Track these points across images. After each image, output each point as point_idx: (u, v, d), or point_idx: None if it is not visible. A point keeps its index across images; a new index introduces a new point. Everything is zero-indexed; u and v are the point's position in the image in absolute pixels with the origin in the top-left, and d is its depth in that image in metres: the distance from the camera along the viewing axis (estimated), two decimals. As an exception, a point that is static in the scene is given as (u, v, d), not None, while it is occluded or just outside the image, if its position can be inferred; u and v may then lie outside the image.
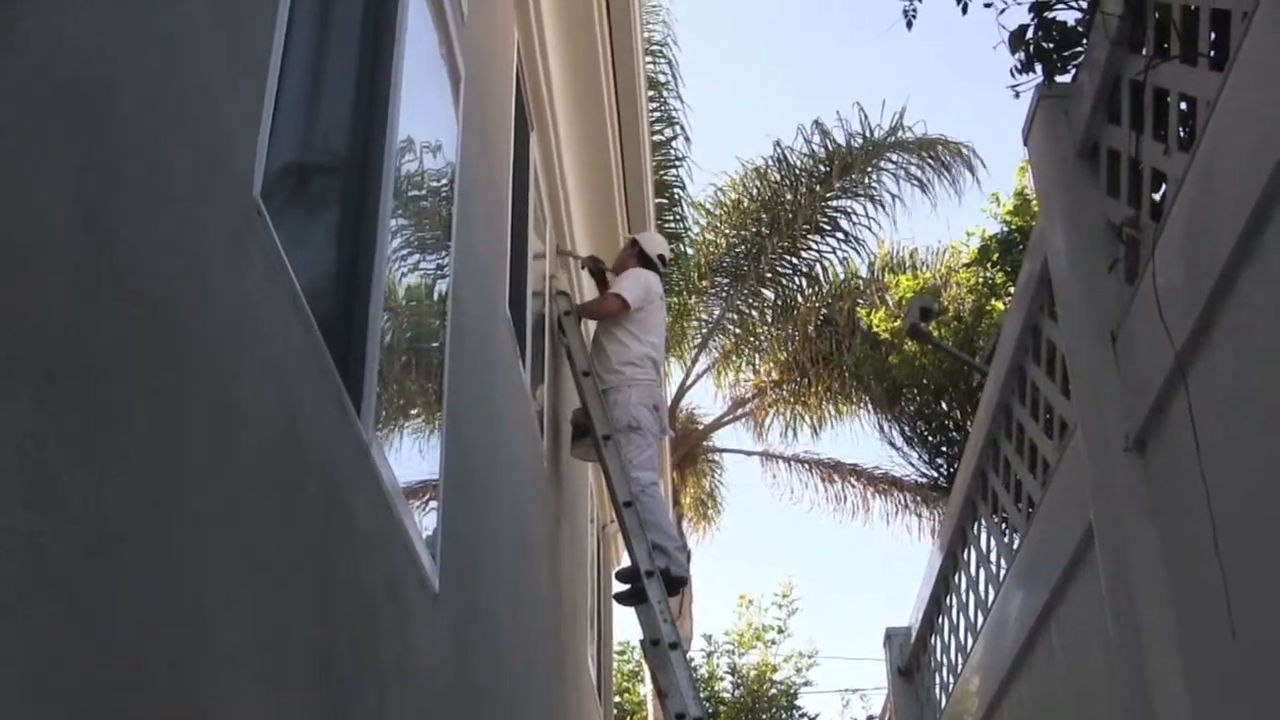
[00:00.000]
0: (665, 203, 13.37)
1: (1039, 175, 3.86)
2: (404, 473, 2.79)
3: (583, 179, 7.34)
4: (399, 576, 2.67)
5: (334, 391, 2.20)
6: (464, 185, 3.65)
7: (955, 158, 13.68)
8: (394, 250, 2.77)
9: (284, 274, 1.92)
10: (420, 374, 3.20)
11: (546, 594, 5.55)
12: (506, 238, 4.74)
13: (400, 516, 2.65)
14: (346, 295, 2.48)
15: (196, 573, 1.52)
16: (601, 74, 6.75)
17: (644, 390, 5.78)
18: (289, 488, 1.92)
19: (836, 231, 13.99)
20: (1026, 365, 4.18)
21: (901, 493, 14.45)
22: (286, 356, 1.94)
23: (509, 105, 5.08)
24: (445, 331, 3.32)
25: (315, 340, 2.08)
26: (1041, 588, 3.92)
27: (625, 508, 5.41)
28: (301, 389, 2.02)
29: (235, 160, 1.74)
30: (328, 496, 2.15)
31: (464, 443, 3.55)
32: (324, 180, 2.48)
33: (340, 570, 2.21)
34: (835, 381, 14.05)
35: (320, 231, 2.44)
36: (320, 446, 2.11)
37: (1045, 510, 3.92)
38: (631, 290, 5.99)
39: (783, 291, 14.38)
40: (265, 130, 1.85)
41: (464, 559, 3.49)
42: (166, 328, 1.47)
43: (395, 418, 2.93)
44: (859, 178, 13.66)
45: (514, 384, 4.77)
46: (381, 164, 2.64)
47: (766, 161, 13.99)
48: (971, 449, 4.99)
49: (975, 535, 5.18)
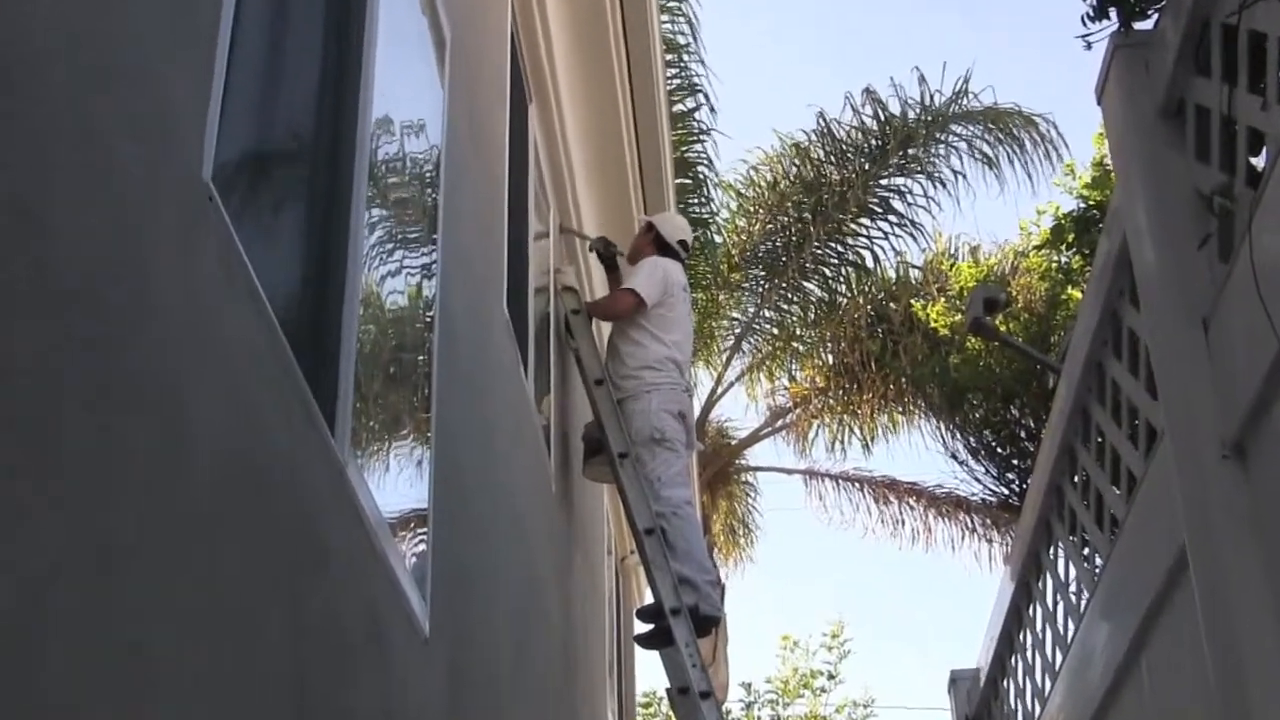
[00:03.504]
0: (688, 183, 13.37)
1: (1115, 139, 3.84)
2: (387, 499, 2.79)
3: (591, 158, 7.35)
4: (383, 618, 2.67)
5: (303, 405, 2.20)
6: (451, 168, 3.66)
7: (1025, 129, 13.61)
8: (371, 244, 2.78)
9: (242, 270, 1.92)
10: (404, 385, 3.20)
11: (556, 638, 5.55)
12: (503, 228, 4.74)
13: (383, 549, 2.65)
14: (316, 295, 2.49)
15: (138, 617, 1.52)
16: (610, 35, 6.76)
17: (666, 395, 5.74)
18: (250, 516, 1.92)
19: (889, 214, 13.98)
20: (1105, 360, 4.15)
21: (968, 514, 14.40)
22: (246, 365, 1.95)
23: (503, 73, 5.09)
24: (433, 336, 3.33)
25: (280, 346, 2.09)
26: (1129, 620, 3.89)
27: (646, 535, 5.40)
28: (264, 402, 2.02)
29: (181, 138, 1.74)
30: (296, 526, 2.15)
31: (457, 464, 3.55)
32: (287, 163, 2.49)
33: (312, 612, 2.21)
34: (889, 387, 14.02)
35: (284, 222, 2.44)
36: (287, 468, 2.11)
37: (1131, 529, 3.90)
38: (647, 283, 5.96)
39: (827, 284, 14.38)
40: (216, 104, 1.85)
41: (459, 598, 3.49)
42: (103, 332, 1.48)
43: (375, 435, 2.94)
44: (918, 153, 13.63)
45: (515, 395, 4.77)
46: (354, 144, 2.65)
47: (808, 135, 13.99)
48: (1045, 460, 4.96)
49: (1051, 561, 5.15)
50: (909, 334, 13.52)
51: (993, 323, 8.70)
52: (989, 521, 14.17)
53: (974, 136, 13.72)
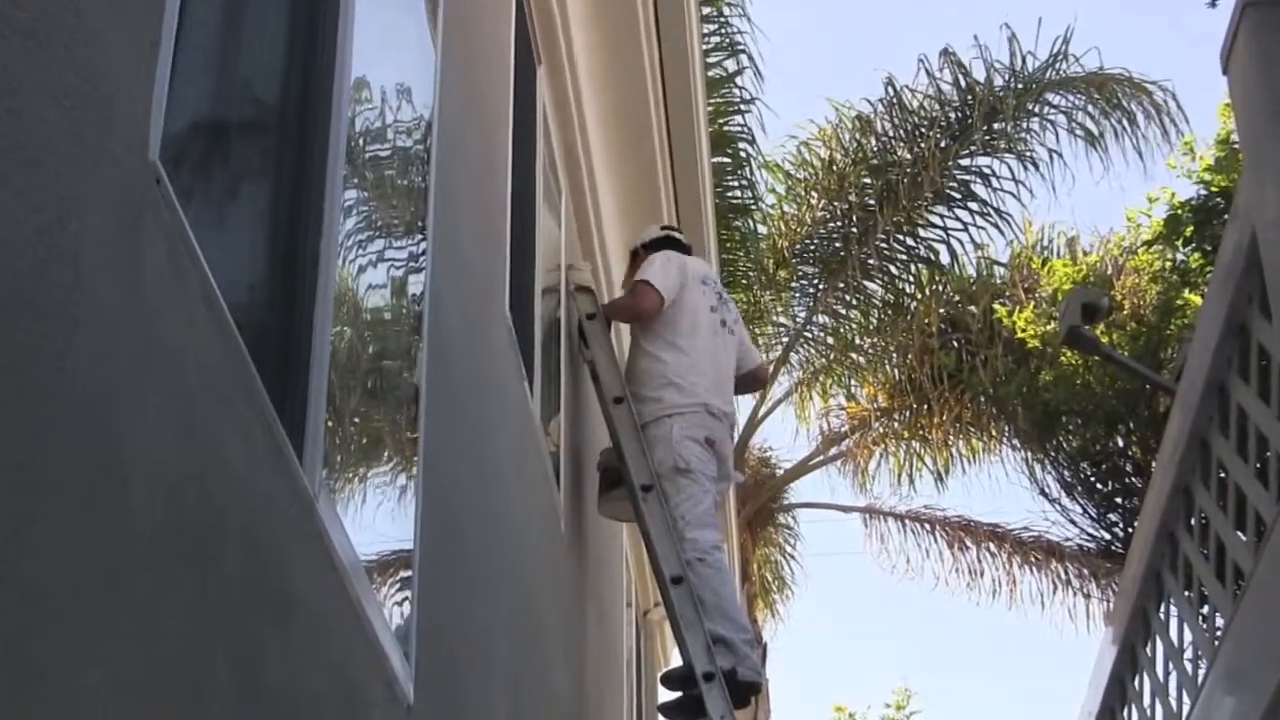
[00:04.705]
0: (726, 162, 13.40)
1: (1244, 114, 3.83)
2: (364, 539, 2.79)
3: (611, 132, 7.36)
4: (358, 681, 2.67)
5: (265, 425, 2.20)
6: (444, 142, 3.67)
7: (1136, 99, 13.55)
8: (348, 233, 2.78)
9: (194, 264, 1.93)
10: (386, 402, 3.21)
11: (564, 706, 5.55)
12: (505, 214, 4.75)
13: (359, 598, 2.65)
14: (282, 294, 2.50)
15: (59, 682, 1.52)
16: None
17: (691, 421, 5.75)
18: (197, 560, 1.92)
19: (970, 201, 13.97)
20: (1229, 382, 4.13)
21: (1060, 563, 14.36)
22: (198, 378, 1.95)
23: (508, 30, 5.10)
24: (422, 344, 3.34)
25: (239, 354, 2.09)
26: (1257, 694, 3.87)
27: (674, 585, 5.40)
28: (219, 422, 2.03)
29: (123, 110, 1.75)
30: (255, 572, 2.15)
31: (448, 497, 3.55)
32: (249, 138, 2.50)
33: (273, 675, 2.21)
34: (965, 408, 14.00)
35: (245, 207, 2.45)
36: (244, 501, 2.11)
37: (1260, 584, 3.87)
38: (661, 275, 5.96)
39: (894, 284, 14.37)
40: (164, 69, 1.86)
41: (448, 658, 3.49)
42: (27, 337, 1.48)
43: (351, 462, 2.94)
44: (1006, 127, 13.60)
45: (518, 415, 4.78)
46: (328, 114, 2.66)
47: (873, 106, 13.99)
48: (1155, 500, 4.94)
49: (1162, 622, 5.12)
50: (990, 345, 13.50)
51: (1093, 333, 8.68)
52: (1086, 572, 14.13)
53: (1074, 108, 13.71)
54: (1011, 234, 13.99)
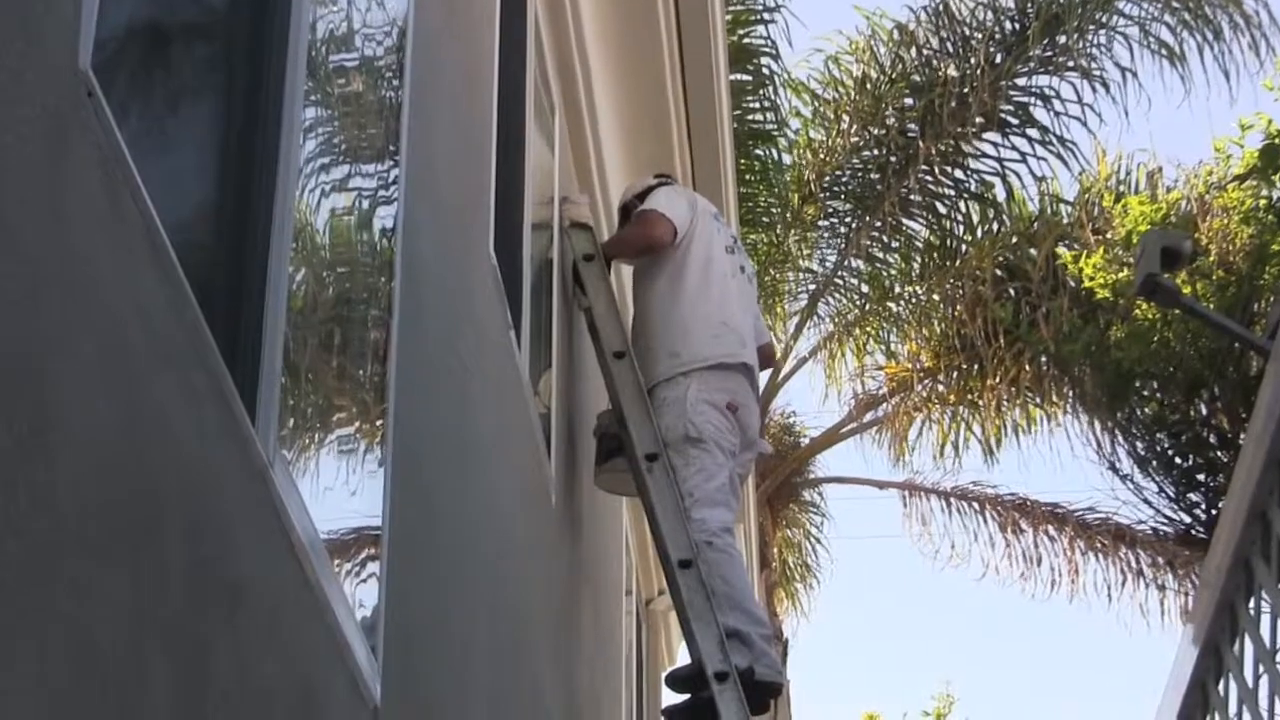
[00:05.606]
0: (746, 80, 13.36)
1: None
2: (326, 513, 2.80)
3: (613, 42, 7.33)
4: (318, 679, 2.68)
5: (212, 381, 2.21)
6: (421, 51, 3.66)
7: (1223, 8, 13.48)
8: (308, 158, 2.78)
9: (132, 193, 1.92)
10: (352, 354, 3.21)
11: (552, 707, 5.57)
12: (490, 138, 4.74)
13: (319, 583, 2.66)
14: (233, 227, 2.50)
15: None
16: None
17: (711, 380, 5.74)
18: (133, 534, 1.93)
19: (1029, 127, 13.93)
20: (1335, 341, 4.12)
21: (1131, 549, 14.39)
22: (136, 325, 1.95)
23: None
24: (393, 287, 3.34)
25: (183, 299, 2.09)
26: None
27: (681, 570, 5.41)
28: (158, 377, 2.03)
29: (48, 12, 1.74)
30: (199, 549, 2.16)
31: (422, 467, 3.56)
32: (195, 44, 2.49)
33: (219, 670, 2.22)
34: (1023, 369, 13.99)
35: (190, 126, 2.45)
36: (187, 469, 2.12)
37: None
38: (669, 204, 5.95)
39: (940, 224, 14.35)
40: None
41: (419, 653, 3.51)
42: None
43: (311, 424, 2.94)
44: (1070, 41, 13.53)
45: (503, 371, 4.78)
46: (286, 18, 2.65)
47: (915, 15, 13.92)
48: (1245, 476, 4.94)
49: (1252, 618, 5.13)
50: (1053, 296, 13.48)
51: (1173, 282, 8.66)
52: (1161, 560, 14.15)
53: (1149, 18, 13.65)
54: (1079, 166, 13.96)
